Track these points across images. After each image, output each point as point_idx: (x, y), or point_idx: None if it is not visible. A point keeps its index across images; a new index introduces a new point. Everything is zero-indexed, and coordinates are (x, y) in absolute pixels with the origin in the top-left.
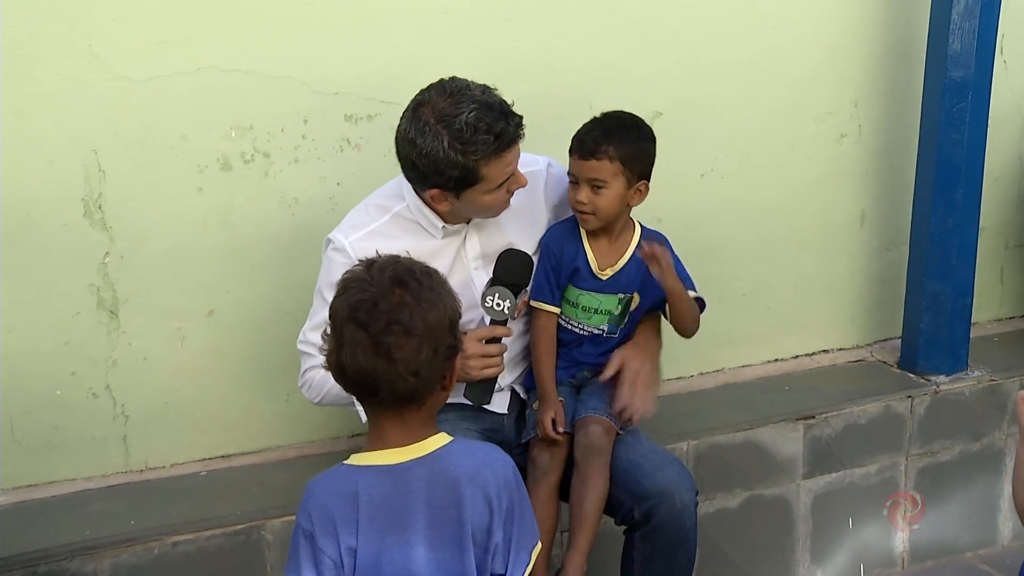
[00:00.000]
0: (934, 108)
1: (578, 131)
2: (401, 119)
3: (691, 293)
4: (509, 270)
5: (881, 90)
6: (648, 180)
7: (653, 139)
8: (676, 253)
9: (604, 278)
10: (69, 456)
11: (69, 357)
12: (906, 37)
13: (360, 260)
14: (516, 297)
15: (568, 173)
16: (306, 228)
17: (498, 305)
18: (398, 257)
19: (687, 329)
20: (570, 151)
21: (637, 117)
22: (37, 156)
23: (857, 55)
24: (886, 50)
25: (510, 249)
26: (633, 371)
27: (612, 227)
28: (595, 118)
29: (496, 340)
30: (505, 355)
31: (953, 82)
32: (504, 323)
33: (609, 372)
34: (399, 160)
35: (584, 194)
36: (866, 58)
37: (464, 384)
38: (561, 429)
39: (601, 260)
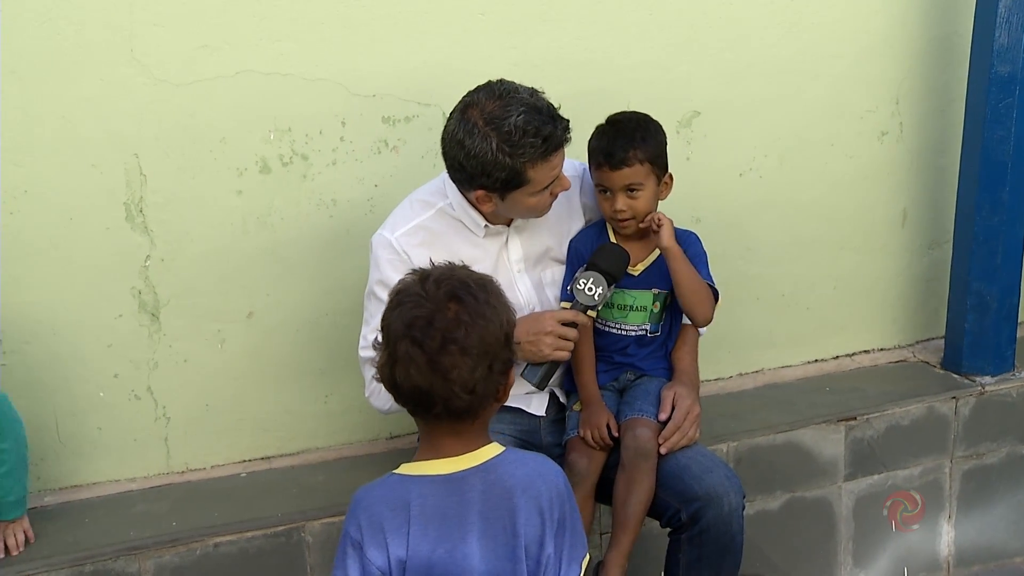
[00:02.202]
0: (979, 104)
1: (596, 142)
2: (448, 120)
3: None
4: (609, 260)
5: (923, 87)
6: (669, 171)
7: (663, 130)
8: (706, 251)
9: (636, 274)
10: (112, 457)
11: (112, 359)
12: (950, 32)
13: (413, 269)
14: (608, 288)
15: (596, 185)
16: (344, 230)
17: (590, 290)
18: (453, 268)
19: (693, 305)
20: (595, 164)
21: (642, 114)
22: (80, 160)
23: (899, 51)
24: (929, 46)
25: (611, 243)
26: (683, 411)
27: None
28: (605, 125)
29: (574, 326)
30: None
31: (999, 77)
32: (586, 311)
33: (665, 413)
34: (445, 161)
35: (621, 202)
36: (908, 54)
37: (524, 364)
38: (616, 434)
39: (632, 256)
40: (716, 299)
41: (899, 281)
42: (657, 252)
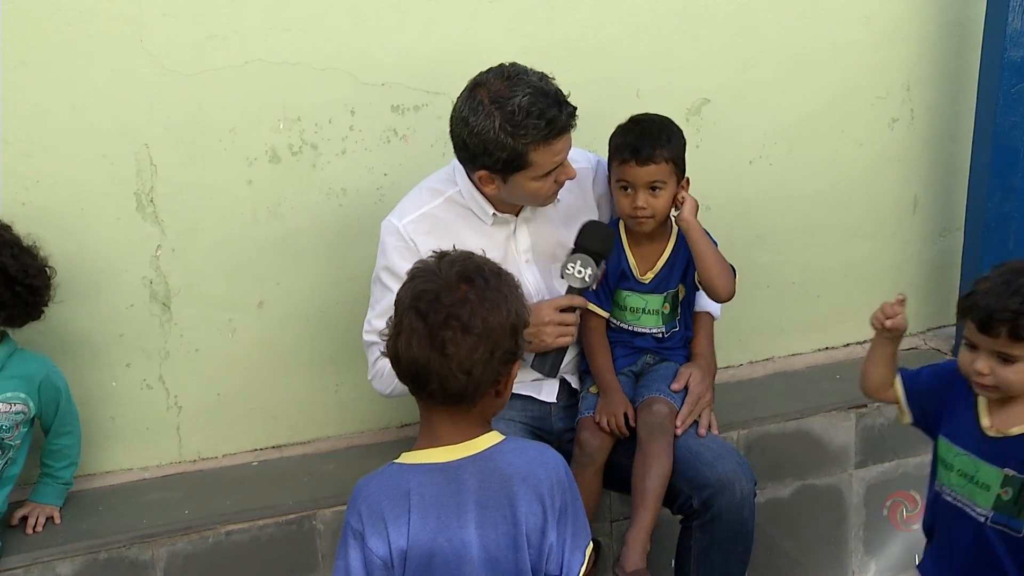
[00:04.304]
0: (991, 89)
1: (621, 139)
2: (458, 99)
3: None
4: (592, 238)
5: (935, 73)
6: (687, 175)
7: (683, 135)
8: (716, 240)
9: (646, 282)
10: (125, 446)
11: (124, 349)
12: (961, 17)
13: (433, 252)
14: (597, 266)
15: (618, 180)
16: (354, 219)
17: (579, 272)
18: (471, 254)
19: (715, 278)
20: (620, 160)
21: (665, 116)
22: (91, 150)
23: (910, 38)
24: (940, 32)
25: (593, 220)
26: (696, 395)
27: (656, 228)
28: (630, 124)
29: (572, 310)
30: None
31: (1012, 62)
32: (581, 292)
33: (678, 384)
34: (452, 139)
35: (643, 198)
36: (919, 40)
37: (533, 354)
38: (633, 424)
39: (642, 265)
40: (734, 275)
41: (910, 268)
42: (664, 258)
